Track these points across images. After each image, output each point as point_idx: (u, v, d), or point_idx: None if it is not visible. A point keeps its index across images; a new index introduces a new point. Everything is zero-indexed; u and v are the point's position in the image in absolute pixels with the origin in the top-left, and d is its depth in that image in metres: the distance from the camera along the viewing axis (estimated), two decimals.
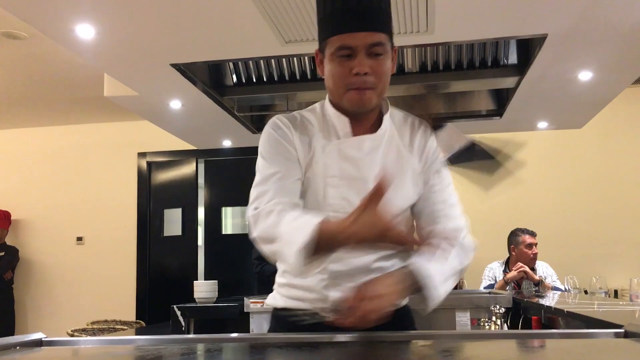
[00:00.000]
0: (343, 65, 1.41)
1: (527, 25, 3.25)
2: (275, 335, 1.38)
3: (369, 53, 1.40)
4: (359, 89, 1.42)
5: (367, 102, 1.44)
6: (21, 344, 1.17)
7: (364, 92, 1.42)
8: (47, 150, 6.92)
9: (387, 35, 1.43)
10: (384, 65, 1.42)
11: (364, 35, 1.39)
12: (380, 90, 1.45)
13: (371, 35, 1.39)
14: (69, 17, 3.07)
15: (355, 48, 1.39)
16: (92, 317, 5.59)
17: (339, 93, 1.46)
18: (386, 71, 1.44)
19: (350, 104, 1.46)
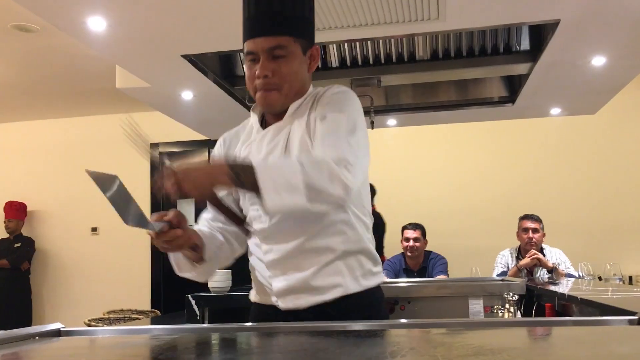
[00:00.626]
0: (250, 69, 1.53)
1: (540, 11, 3.22)
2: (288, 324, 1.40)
3: (272, 56, 1.50)
4: (262, 90, 1.52)
5: (273, 102, 1.54)
6: (40, 334, 1.20)
7: (268, 93, 1.52)
8: (61, 141, 6.98)
9: (293, 37, 1.51)
10: (286, 66, 1.51)
11: (262, 40, 1.49)
12: (286, 90, 1.53)
13: (269, 39, 1.49)
14: (80, 9, 3.08)
15: (257, 52, 1.50)
16: (108, 306, 5.67)
17: (252, 94, 1.58)
18: (290, 72, 1.52)
19: (259, 105, 1.60)
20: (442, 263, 4.72)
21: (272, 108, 1.57)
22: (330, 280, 1.50)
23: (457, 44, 3.97)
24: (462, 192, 6.02)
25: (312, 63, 1.59)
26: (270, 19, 1.49)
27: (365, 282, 1.55)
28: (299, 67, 1.54)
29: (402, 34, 3.53)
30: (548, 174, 5.99)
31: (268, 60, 1.49)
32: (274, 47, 1.48)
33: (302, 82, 1.58)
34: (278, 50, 1.49)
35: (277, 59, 1.49)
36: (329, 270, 1.51)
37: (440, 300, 3.10)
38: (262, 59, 1.49)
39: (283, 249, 1.51)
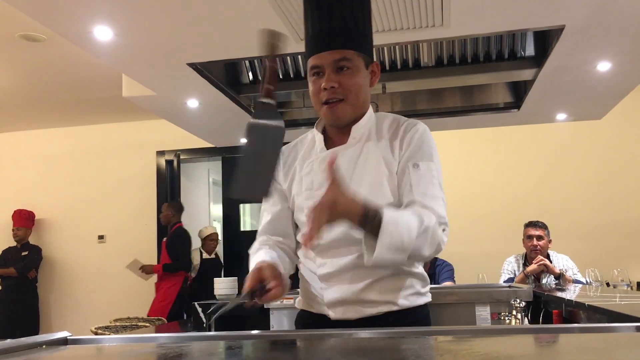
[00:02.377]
0: (315, 83, 1.57)
1: (544, 17, 3.22)
2: (295, 332, 1.40)
3: (336, 68, 1.54)
4: (328, 102, 1.55)
5: (339, 114, 1.56)
6: (47, 343, 1.20)
7: (335, 106, 1.55)
8: (67, 150, 7.01)
9: (356, 51, 1.55)
10: (351, 78, 1.54)
11: (328, 54, 1.54)
12: (352, 101, 1.56)
13: (335, 53, 1.53)
14: (86, 19, 3.11)
15: (322, 66, 1.55)
16: (114, 314, 5.66)
17: (317, 109, 1.60)
18: (355, 83, 1.55)
19: (325, 118, 1.61)
20: (449, 269, 4.70)
21: (339, 120, 1.58)
22: (382, 296, 1.55)
23: (462, 51, 3.98)
24: (469, 198, 6.00)
25: (374, 78, 1.63)
26: (335, 34, 1.55)
27: (415, 300, 1.61)
28: (363, 80, 1.57)
29: (407, 41, 3.54)
30: (554, 180, 5.97)
31: (334, 73, 1.53)
32: (339, 59, 1.53)
33: (366, 95, 1.61)
34: (343, 62, 1.53)
35: (342, 71, 1.54)
36: (381, 286, 1.55)
37: (447, 307, 3.09)
38: (328, 72, 1.53)
39: (337, 263, 1.56)
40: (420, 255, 1.47)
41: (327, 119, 1.60)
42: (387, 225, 1.37)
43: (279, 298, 1.48)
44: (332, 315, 1.58)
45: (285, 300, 2.86)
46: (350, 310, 1.56)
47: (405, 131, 1.59)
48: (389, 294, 1.56)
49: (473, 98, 4.80)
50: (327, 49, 1.54)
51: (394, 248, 1.39)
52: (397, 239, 1.39)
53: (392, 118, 1.65)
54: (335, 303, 1.57)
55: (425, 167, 1.56)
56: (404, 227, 1.41)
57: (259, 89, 1.49)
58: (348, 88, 1.54)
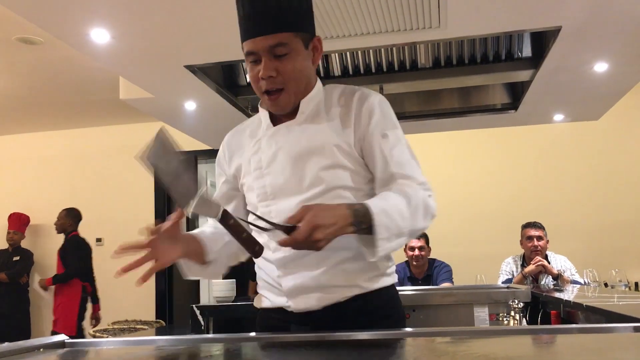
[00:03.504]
0: (253, 70, 1.47)
1: (541, 18, 3.22)
2: (293, 335, 1.40)
3: (273, 54, 1.43)
4: (268, 93, 1.47)
5: (281, 105, 1.50)
6: (44, 346, 1.20)
7: (276, 97, 1.47)
8: (64, 153, 7.00)
9: (293, 32, 1.44)
10: (290, 64, 1.44)
11: (262, 39, 1.42)
12: (294, 88, 1.48)
13: (269, 38, 1.42)
14: (83, 22, 3.11)
15: (258, 52, 1.44)
16: (113, 317, 5.65)
17: (259, 95, 1.52)
18: (295, 69, 1.45)
19: (268, 108, 1.54)
20: (447, 271, 4.70)
21: (282, 109, 1.51)
22: (344, 279, 1.46)
23: (459, 52, 3.98)
24: (466, 199, 6.00)
25: (316, 55, 1.53)
26: (268, 16, 1.42)
27: (381, 282, 1.52)
28: (302, 62, 1.47)
29: (404, 42, 3.54)
30: (552, 181, 5.98)
31: (270, 60, 1.43)
32: (275, 45, 1.42)
33: (308, 77, 1.52)
34: (280, 49, 1.42)
35: (279, 58, 1.43)
36: (343, 269, 1.46)
37: (445, 308, 3.09)
38: (264, 59, 1.43)
39: None
40: (418, 230, 1.45)
41: (271, 108, 1.53)
42: (380, 219, 1.33)
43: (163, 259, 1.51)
44: (293, 305, 1.47)
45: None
46: (311, 298, 1.45)
47: (360, 101, 1.50)
48: (352, 277, 1.46)
49: (470, 99, 4.81)
50: (261, 33, 1.42)
51: (394, 237, 1.36)
52: (394, 228, 1.36)
53: (342, 89, 1.57)
54: (294, 291, 1.47)
55: (393, 135, 1.50)
56: (396, 214, 1.37)
57: None
58: (288, 75, 1.45)
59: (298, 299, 1.47)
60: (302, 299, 1.47)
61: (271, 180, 1.50)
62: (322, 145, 1.47)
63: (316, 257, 1.43)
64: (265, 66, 1.43)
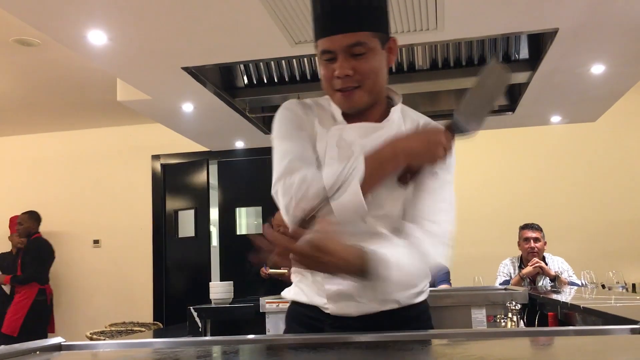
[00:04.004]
0: (327, 68, 1.44)
1: (538, 20, 3.23)
2: (292, 336, 1.39)
3: (351, 53, 1.40)
4: (342, 90, 1.44)
5: (355, 101, 1.45)
6: (41, 349, 1.19)
7: (351, 94, 1.44)
8: (62, 154, 6.99)
9: (372, 32, 1.41)
10: (367, 63, 1.41)
11: (341, 38, 1.39)
12: (369, 87, 1.44)
13: (348, 36, 1.39)
14: (80, 24, 3.11)
15: (335, 51, 1.41)
16: (110, 319, 5.66)
17: (329, 94, 1.50)
18: (371, 69, 1.43)
19: (339, 105, 1.49)
20: (445, 272, 4.70)
21: (355, 108, 1.47)
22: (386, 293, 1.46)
23: (457, 54, 3.99)
24: (463, 201, 5.98)
25: (391, 56, 1.50)
26: (347, 14, 1.40)
27: (416, 298, 1.54)
28: (379, 63, 1.44)
29: (402, 44, 3.54)
30: (549, 182, 5.98)
31: (347, 59, 1.40)
32: (354, 44, 1.39)
33: (384, 78, 1.49)
34: (358, 48, 1.40)
35: (357, 57, 1.40)
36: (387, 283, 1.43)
37: (442, 310, 3.09)
38: (341, 58, 1.40)
39: None
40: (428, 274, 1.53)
41: (342, 107, 1.49)
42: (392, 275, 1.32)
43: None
44: (331, 308, 1.48)
45: (282, 305, 2.85)
46: (351, 305, 1.46)
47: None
48: (393, 292, 1.46)
49: None
50: (340, 31, 1.39)
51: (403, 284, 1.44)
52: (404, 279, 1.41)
53: (417, 113, 1.59)
54: (336, 295, 1.47)
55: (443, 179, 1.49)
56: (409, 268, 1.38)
57: None
58: (365, 74, 1.42)
59: (338, 303, 1.47)
60: (342, 304, 1.47)
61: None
62: None
63: None
64: (342, 65, 1.40)
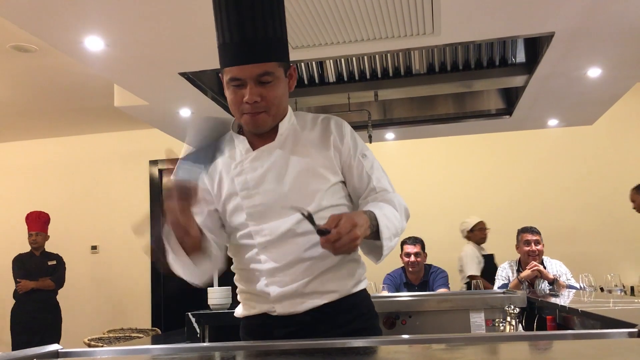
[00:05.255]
0: (236, 93, 1.55)
1: (534, 24, 3.24)
2: (290, 342, 1.39)
3: (259, 82, 1.53)
4: (251, 113, 1.56)
5: (260, 124, 1.59)
6: (38, 356, 1.19)
7: (257, 116, 1.56)
8: (59, 160, 6.99)
9: (277, 62, 1.55)
10: (273, 91, 1.55)
11: (251, 68, 1.51)
12: (274, 112, 1.59)
13: (258, 67, 1.51)
14: (77, 29, 3.10)
15: (244, 79, 1.52)
16: (108, 325, 5.64)
17: (236, 117, 1.61)
18: (277, 96, 1.57)
19: (246, 127, 1.63)
20: (443, 276, 4.70)
21: (261, 129, 1.61)
22: (326, 286, 1.61)
23: (453, 58, 3.99)
24: (462, 204, 6.01)
25: (291, 82, 1.65)
26: (256, 45, 1.52)
27: (357, 287, 1.67)
28: (283, 89, 1.59)
29: (399, 49, 3.55)
30: (547, 185, 5.99)
31: (256, 86, 1.53)
32: (262, 73, 1.52)
33: (286, 102, 1.65)
34: (265, 77, 1.52)
35: (264, 85, 1.53)
36: (325, 278, 1.60)
37: (441, 314, 3.09)
38: (250, 85, 1.52)
39: (282, 259, 1.59)
40: (403, 229, 1.64)
41: (249, 127, 1.62)
42: (383, 221, 1.50)
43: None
44: (278, 309, 1.60)
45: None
46: (296, 303, 1.59)
47: (338, 127, 1.67)
48: (334, 284, 1.61)
49: (465, 105, 4.82)
50: (249, 61, 1.51)
51: (392, 236, 1.54)
52: (392, 228, 1.54)
53: (313, 115, 1.73)
54: (281, 297, 1.60)
55: (370, 155, 1.70)
56: (392, 217, 1.56)
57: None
58: (270, 101, 1.55)
59: (284, 304, 1.60)
60: (287, 304, 1.60)
61: (261, 199, 1.60)
62: (311, 166, 1.61)
63: (302, 267, 1.58)
64: (251, 92, 1.52)
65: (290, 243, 1.58)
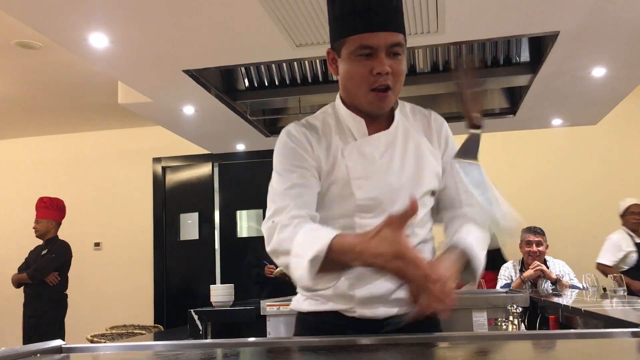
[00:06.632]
0: (364, 64, 1.41)
1: (539, 23, 3.23)
2: (292, 339, 1.39)
3: (389, 53, 1.40)
4: (378, 90, 1.42)
5: (387, 103, 1.46)
6: (41, 352, 1.19)
7: (385, 95, 1.43)
8: (63, 157, 7.00)
9: (404, 35, 1.44)
10: (402, 65, 1.43)
11: (386, 35, 1.39)
12: (397, 90, 1.46)
13: (392, 35, 1.39)
14: (82, 27, 3.11)
15: (377, 48, 1.39)
16: (111, 322, 5.64)
17: (358, 93, 1.45)
18: (403, 71, 1.45)
19: (370, 106, 1.46)
20: None
21: (383, 109, 1.49)
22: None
23: (457, 56, 3.98)
24: None
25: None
26: (392, 13, 1.41)
27: None
28: (405, 67, 1.47)
29: None
30: (551, 185, 5.98)
31: (387, 57, 1.40)
32: (395, 44, 1.40)
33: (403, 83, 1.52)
34: (397, 48, 1.41)
35: (394, 57, 1.41)
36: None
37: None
38: (382, 56, 1.39)
39: None
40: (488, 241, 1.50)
41: (372, 107, 1.47)
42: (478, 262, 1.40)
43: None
44: (359, 312, 1.46)
45: (282, 307, 2.85)
46: (379, 308, 1.46)
47: (437, 124, 1.58)
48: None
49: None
50: (385, 29, 1.39)
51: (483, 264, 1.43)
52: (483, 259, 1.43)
53: (411, 105, 1.61)
54: (367, 300, 1.45)
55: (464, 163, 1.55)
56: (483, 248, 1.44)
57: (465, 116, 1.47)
58: (398, 76, 1.43)
59: (367, 306, 1.46)
60: (369, 308, 1.46)
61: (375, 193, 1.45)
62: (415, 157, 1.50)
63: None
64: (383, 62, 1.39)
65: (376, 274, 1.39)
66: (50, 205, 5.43)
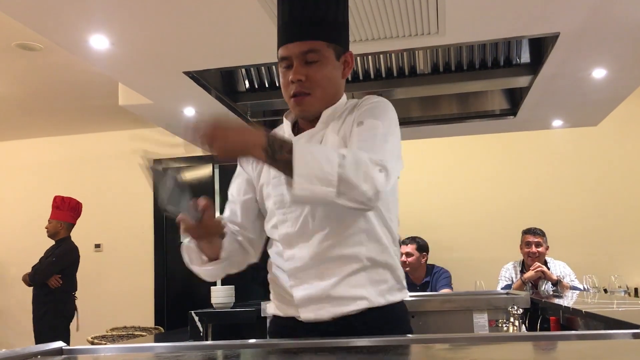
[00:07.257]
0: (284, 75, 1.53)
1: (539, 24, 3.23)
2: (293, 341, 1.39)
3: (305, 61, 1.49)
4: (295, 96, 1.51)
5: (305, 108, 1.54)
6: (42, 353, 1.19)
7: (301, 99, 1.51)
8: (64, 159, 7.00)
9: (326, 42, 1.50)
10: (320, 71, 1.50)
11: (298, 45, 1.48)
12: (319, 95, 1.52)
13: (304, 44, 1.48)
14: (82, 28, 3.11)
15: (289, 57, 1.50)
16: (111, 323, 5.64)
17: (287, 101, 1.57)
18: (324, 76, 1.51)
19: (293, 110, 1.59)
20: (446, 277, 4.70)
21: (305, 112, 1.56)
22: (354, 291, 1.46)
23: (458, 58, 3.99)
24: (465, 205, 6.00)
25: (346, 69, 1.58)
26: (303, 24, 1.49)
27: (390, 297, 1.53)
28: (332, 72, 1.52)
29: (403, 49, 3.55)
30: (551, 186, 5.97)
31: (301, 65, 1.48)
32: (307, 51, 1.48)
33: (336, 87, 1.57)
34: (311, 55, 1.48)
35: (310, 64, 1.49)
36: (353, 281, 1.47)
37: (444, 315, 3.09)
38: (296, 64, 1.48)
39: (305, 256, 1.48)
40: (355, 188, 1.30)
41: (294, 112, 1.58)
42: (299, 152, 1.28)
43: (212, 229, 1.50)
44: (302, 315, 1.49)
45: None
46: (321, 309, 1.47)
47: (361, 104, 1.55)
48: (361, 289, 1.46)
49: (469, 105, 4.81)
50: (295, 39, 1.49)
51: (315, 176, 1.26)
52: (316, 165, 1.27)
53: (355, 101, 1.60)
54: (305, 301, 1.48)
55: (368, 123, 1.47)
56: (322, 155, 1.30)
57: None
58: (315, 81, 1.50)
59: (308, 308, 1.48)
60: (312, 310, 1.48)
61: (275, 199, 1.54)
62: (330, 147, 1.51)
63: (327, 268, 1.46)
64: (296, 70, 1.48)
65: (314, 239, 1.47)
66: (62, 205, 5.43)
